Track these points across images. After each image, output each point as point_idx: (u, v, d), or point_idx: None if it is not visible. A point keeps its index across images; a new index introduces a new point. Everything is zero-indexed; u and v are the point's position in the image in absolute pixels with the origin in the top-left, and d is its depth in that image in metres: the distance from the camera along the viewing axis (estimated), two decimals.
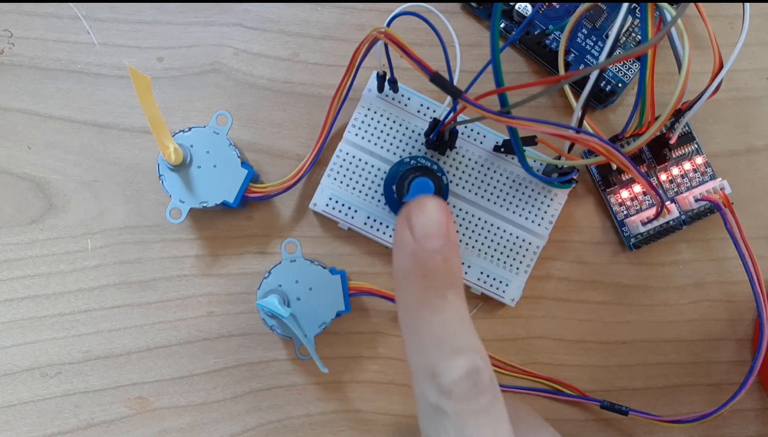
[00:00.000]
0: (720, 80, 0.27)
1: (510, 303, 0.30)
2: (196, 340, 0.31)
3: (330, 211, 0.30)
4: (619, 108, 0.32)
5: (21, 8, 0.32)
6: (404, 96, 0.30)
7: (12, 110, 0.31)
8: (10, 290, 0.31)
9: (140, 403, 0.31)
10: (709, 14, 0.28)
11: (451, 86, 0.23)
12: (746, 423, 0.32)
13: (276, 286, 0.29)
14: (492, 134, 0.30)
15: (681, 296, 0.32)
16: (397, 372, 0.31)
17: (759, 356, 0.29)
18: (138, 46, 0.32)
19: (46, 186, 0.31)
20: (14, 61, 0.31)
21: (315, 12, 0.32)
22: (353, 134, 0.30)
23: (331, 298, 0.29)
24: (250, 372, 0.31)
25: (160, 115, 0.26)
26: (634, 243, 0.31)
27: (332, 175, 0.30)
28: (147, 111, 0.26)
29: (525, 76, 0.32)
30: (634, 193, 0.31)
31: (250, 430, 0.31)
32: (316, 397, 0.31)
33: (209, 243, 0.31)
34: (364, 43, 0.26)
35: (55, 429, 0.31)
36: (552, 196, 0.30)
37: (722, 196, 0.30)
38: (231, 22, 0.32)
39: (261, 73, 0.32)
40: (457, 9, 0.32)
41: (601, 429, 0.32)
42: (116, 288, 0.31)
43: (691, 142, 0.31)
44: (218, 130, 0.29)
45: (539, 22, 0.31)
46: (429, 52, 0.31)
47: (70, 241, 0.31)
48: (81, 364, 0.31)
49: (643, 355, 0.32)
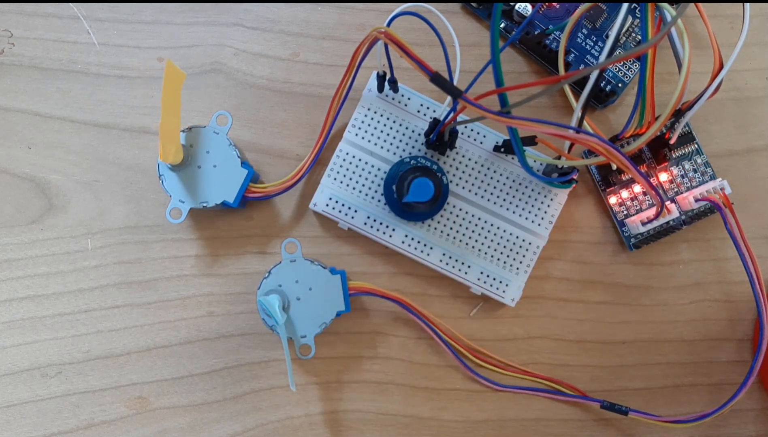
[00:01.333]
0: (720, 80, 0.27)
1: (510, 303, 0.30)
2: (196, 340, 0.31)
3: (330, 211, 0.30)
4: (619, 108, 0.32)
5: (21, 8, 0.32)
6: (404, 96, 0.30)
7: (12, 110, 0.31)
8: (10, 290, 0.31)
9: (140, 403, 0.31)
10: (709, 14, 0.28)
11: (451, 86, 0.23)
12: (746, 423, 0.32)
13: (276, 286, 0.29)
14: (492, 134, 0.30)
15: (681, 296, 0.32)
16: (397, 372, 0.31)
17: (759, 356, 0.29)
18: (138, 46, 0.32)
19: (46, 186, 0.31)
20: (14, 61, 0.31)
21: (315, 12, 0.32)
22: (353, 134, 0.30)
23: (331, 298, 0.29)
24: (250, 372, 0.31)
25: (179, 117, 0.26)
26: (634, 243, 0.31)
27: (332, 175, 0.30)
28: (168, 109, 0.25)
29: (525, 76, 0.32)
30: (634, 193, 0.31)
31: (250, 430, 0.31)
32: (316, 397, 0.31)
33: (209, 243, 0.31)
34: (364, 43, 0.26)
35: (55, 429, 0.31)
36: (552, 196, 0.30)
37: (722, 196, 0.30)
38: (231, 22, 0.32)
39: (261, 73, 0.32)
40: (457, 9, 0.32)
41: (601, 429, 0.32)
42: (116, 288, 0.31)
43: (691, 142, 0.31)
44: (218, 130, 0.29)
45: (539, 22, 0.31)
46: (429, 52, 0.31)
47: (70, 241, 0.31)
48: (81, 364, 0.31)
49: (643, 355, 0.32)
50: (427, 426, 0.31)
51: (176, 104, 0.26)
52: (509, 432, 0.31)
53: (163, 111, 0.25)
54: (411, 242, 0.30)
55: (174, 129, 0.26)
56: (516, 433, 0.31)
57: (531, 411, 0.31)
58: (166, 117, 0.25)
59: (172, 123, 0.26)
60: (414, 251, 0.30)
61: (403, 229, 0.30)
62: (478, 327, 0.32)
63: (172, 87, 0.25)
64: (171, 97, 0.25)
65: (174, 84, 0.25)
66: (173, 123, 0.26)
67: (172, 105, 0.26)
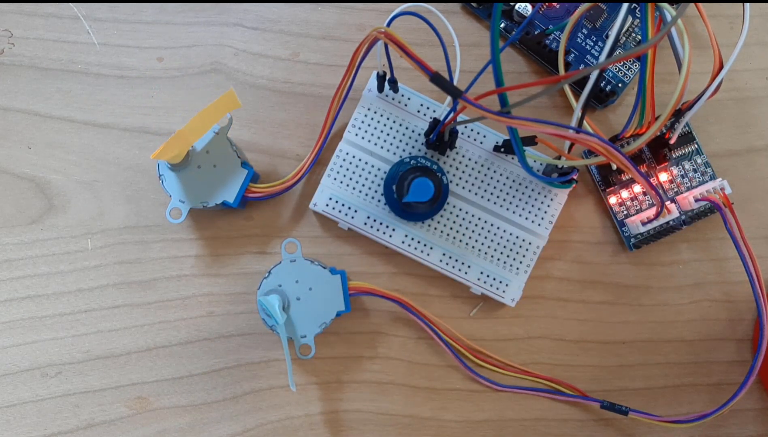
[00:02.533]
0: (720, 80, 0.27)
1: (510, 303, 0.30)
2: (196, 340, 0.31)
3: (330, 211, 0.30)
4: (619, 108, 0.32)
5: (21, 8, 0.32)
6: (404, 96, 0.30)
7: (12, 110, 0.31)
8: (10, 290, 0.31)
9: (140, 403, 0.31)
10: (709, 14, 0.28)
11: (451, 86, 0.23)
12: (746, 423, 0.32)
13: (276, 286, 0.29)
14: (492, 134, 0.30)
15: (681, 296, 0.32)
16: (397, 372, 0.31)
17: (759, 356, 0.29)
18: (138, 46, 0.32)
19: (46, 186, 0.31)
20: (14, 61, 0.31)
21: (315, 12, 0.32)
22: (353, 134, 0.30)
23: (331, 298, 0.29)
24: (250, 372, 0.31)
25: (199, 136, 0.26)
26: (634, 243, 0.31)
27: (332, 174, 0.30)
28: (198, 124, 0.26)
29: (525, 76, 0.32)
30: (634, 193, 0.31)
31: (250, 430, 0.31)
32: (316, 397, 0.31)
33: (209, 243, 0.31)
34: (364, 43, 0.26)
35: (55, 429, 0.31)
36: (552, 196, 0.30)
37: (722, 196, 0.30)
38: (231, 22, 0.32)
39: (261, 73, 0.32)
40: (456, 9, 0.32)
41: (601, 429, 0.32)
42: (116, 288, 0.31)
43: (691, 142, 0.31)
44: (218, 130, 0.29)
45: (539, 22, 0.31)
46: (429, 52, 0.31)
47: (70, 241, 0.31)
48: (81, 364, 0.31)
49: (643, 355, 0.32)
50: (427, 426, 0.31)
51: (208, 125, 0.26)
52: (509, 432, 0.31)
53: (193, 123, 0.26)
54: (411, 242, 0.30)
55: (187, 142, 0.27)
56: (516, 433, 0.31)
57: (531, 411, 0.31)
58: (191, 129, 0.26)
59: (190, 137, 0.26)
60: (414, 251, 0.30)
61: (403, 229, 0.30)
62: (478, 327, 0.32)
63: (218, 111, 0.26)
64: (209, 118, 0.26)
65: (222, 109, 0.26)
66: (191, 137, 0.26)
67: (204, 123, 0.26)
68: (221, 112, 0.26)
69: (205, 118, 0.26)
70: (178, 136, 0.26)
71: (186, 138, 0.26)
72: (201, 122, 0.26)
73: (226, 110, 0.26)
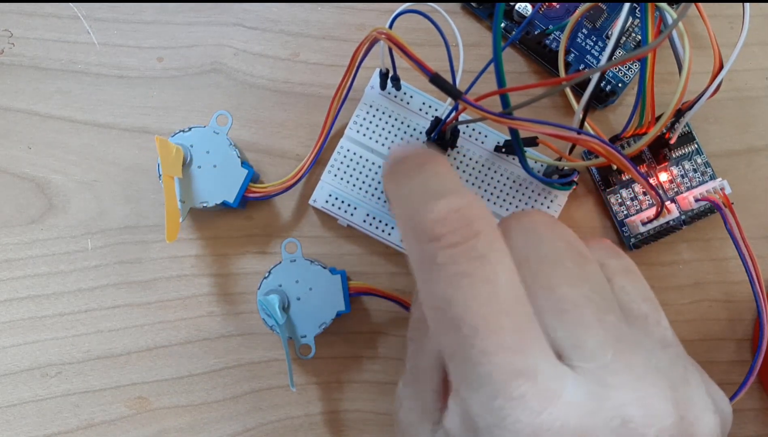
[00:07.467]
0: (720, 80, 0.27)
1: None
2: (196, 340, 0.31)
3: (329, 208, 0.30)
4: (619, 108, 0.32)
5: (21, 8, 0.32)
6: (406, 94, 0.30)
7: (12, 110, 0.31)
8: (10, 290, 0.31)
9: (140, 403, 0.31)
10: (709, 14, 0.28)
11: (451, 87, 0.23)
12: (746, 423, 0.32)
13: (276, 286, 0.29)
14: (493, 134, 0.30)
15: (681, 296, 0.32)
16: (397, 372, 0.31)
17: (759, 356, 0.29)
18: (138, 46, 0.32)
19: (46, 186, 0.31)
20: (14, 61, 0.31)
21: (315, 12, 0.32)
22: (354, 131, 0.30)
23: (331, 298, 0.29)
24: (250, 372, 0.31)
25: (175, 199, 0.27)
26: (634, 243, 0.31)
27: (333, 171, 0.30)
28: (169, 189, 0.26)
29: (525, 76, 0.32)
30: (634, 193, 0.31)
31: (250, 430, 0.31)
32: (316, 397, 0.31)
33: (209, 243, 0.31)
34: (364, 43, 0.26)
35: (55, 429, 0.31)
36: (552, 197, 0.30)
37: (722, 196, 0.30)
38: (231, 22, 0.32)
39: (261, 73, 0.32)
40: (457, 9, 0.32)
41: None
42: (116, 288, 0.31)
43: (691, 142, 0.31)
44: (218, 130, 0.29)
45: (539, 22, 0.31)
46: (429, 52, 0.31)
47: (70, 241, 0.31)
48: (81, 364, 0.31)
49: None
50: None
51: (173, 185, 0.27)
52: None
53: (166, 191, 0.26)
54: None
55: (175, 209, 0.27)
56: None
57: None
58: (168, 198, 0.26)
59: (172, 203, 0.27)
60: None
61: None
62: None
63: (171, 164, 0.26)
64: (170, 173, 0.27)
65: (172, 162, 0.26)
66: (173, 203, 0.27)
67: (170, 185, 0.27)
68: (173, 162, 0.27)
69: (168, 181, 0.27)
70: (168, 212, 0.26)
71: (171, 209, 0.27)
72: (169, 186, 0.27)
73: (177, 161, 0.27)
